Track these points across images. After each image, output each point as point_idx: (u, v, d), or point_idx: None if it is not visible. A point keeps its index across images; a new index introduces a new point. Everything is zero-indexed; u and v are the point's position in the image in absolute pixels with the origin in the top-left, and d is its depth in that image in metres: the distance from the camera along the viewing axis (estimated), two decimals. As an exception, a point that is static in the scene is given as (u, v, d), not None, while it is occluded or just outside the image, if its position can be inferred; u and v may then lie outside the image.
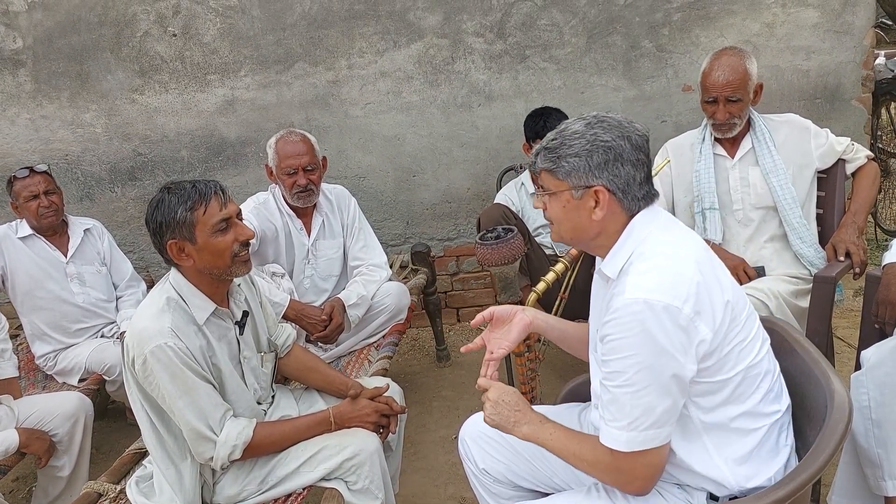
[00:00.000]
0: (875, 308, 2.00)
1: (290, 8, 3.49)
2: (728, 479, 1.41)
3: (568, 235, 1.48)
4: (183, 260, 1.79)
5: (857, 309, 3.32)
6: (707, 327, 1.31)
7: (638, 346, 1.28)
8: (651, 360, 1.28)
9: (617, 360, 1.31)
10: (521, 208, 3.02)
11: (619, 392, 1.32)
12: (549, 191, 1.45)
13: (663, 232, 1.41)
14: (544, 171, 1.45)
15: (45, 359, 2.95)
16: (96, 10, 3.50)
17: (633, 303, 1.28)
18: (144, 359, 1.70)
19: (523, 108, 3.53)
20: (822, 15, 3.43)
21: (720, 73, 2.37)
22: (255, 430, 1.82)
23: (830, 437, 1.35)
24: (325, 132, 3.64)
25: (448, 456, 2.78)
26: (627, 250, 1.40)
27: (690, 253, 1.37)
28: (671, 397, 1.31)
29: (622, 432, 1.32)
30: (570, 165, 1.40)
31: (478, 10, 3.49)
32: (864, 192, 2.46)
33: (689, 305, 1.28)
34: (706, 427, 1.40)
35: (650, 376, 1.29)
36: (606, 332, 1.33)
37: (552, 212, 1.47)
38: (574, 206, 1.42)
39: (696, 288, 1.30)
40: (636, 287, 1.30)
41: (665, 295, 1.28)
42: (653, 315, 1.27)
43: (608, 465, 1.38)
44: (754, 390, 1.41)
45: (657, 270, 1.32)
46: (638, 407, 1.30)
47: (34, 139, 3.68)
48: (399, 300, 2.89)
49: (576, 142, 1.40)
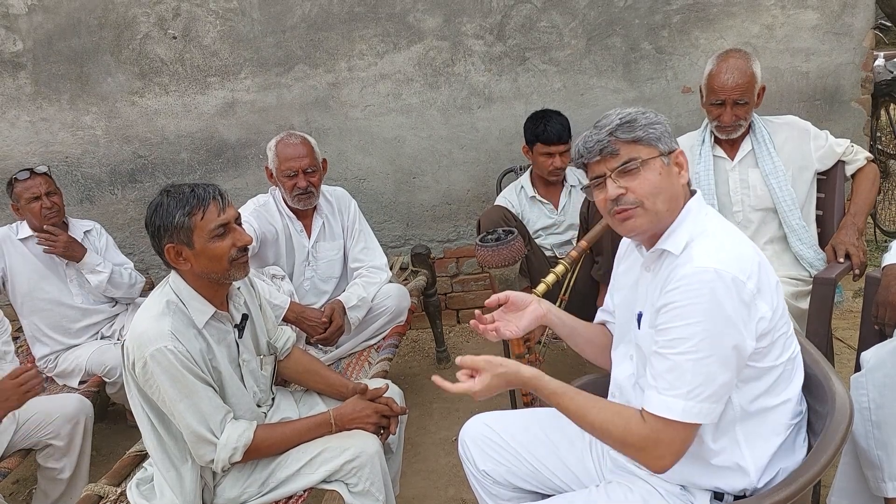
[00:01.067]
0: (875, 309, 2.00)
1: (290, 10, 3.50)
2: (750, 472, 1.41)
3: (665, 207, 1.42)
4: (181, 264, 1.79)
5: (856, 310, 3.32)
6: (766, 305, 1.34)
7: (706, 312, 1.29)
8: (717, 328, 1.29)
9: (682, 326, 1.31)
10: (520, 211, 3.03)
11: (682, 359, 1.31)
12: (640, 160, 1.41)
13: (717, 218, 1.46)
14: (630, 142, 1.41)
15: (45, 361, 2.95)
16: (96, 12, 3.51)
17: (704, 271, 1.30)
18: (145, 362, 1.71)
19: (523, 110, 3.53)
20: (822, 17, 3.44)
21: (729, 75, 2.36)
22: (255, 433, 1.83)
23: (831, 438, 1.35)
24: (325, 134, 3.64)
25: (448, 458, 2.78)
26: (688, 227, 1.42)
27: (745, 237, 1.43)
28: (730, 371, 1.32)
29: (678, 400, 1.31)
30: (656, 132, 1.43)
31: (477, 12, 3.49)
32: (864, 194, 2.47)
33: (752, 282, 1.32)
34: (745, 415, 1.41)
35: (714, 345, 1.30)
36: (670, 299, 1.33)
37: (647, 184, 1.41)
38: (668, 173, 1.43)
39: (757, 267, 1.34)
40: (707, 257, 1.32)
41: (733, 268, 1.30)
42: (723, 284, 1.29)
43: (645, 435, 1.34)
44: (791, 383, 1.44)
45: (724, 246, 1.36)
46: (700, 375, 1.30)
47: (34, 141, 3.69)
48: (399, 302, 2.89)
49: (645, 115, 1.44)
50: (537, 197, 3.02)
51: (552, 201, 3.03)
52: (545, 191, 3.03)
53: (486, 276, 3.86)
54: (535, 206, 3.03)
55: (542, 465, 1.72)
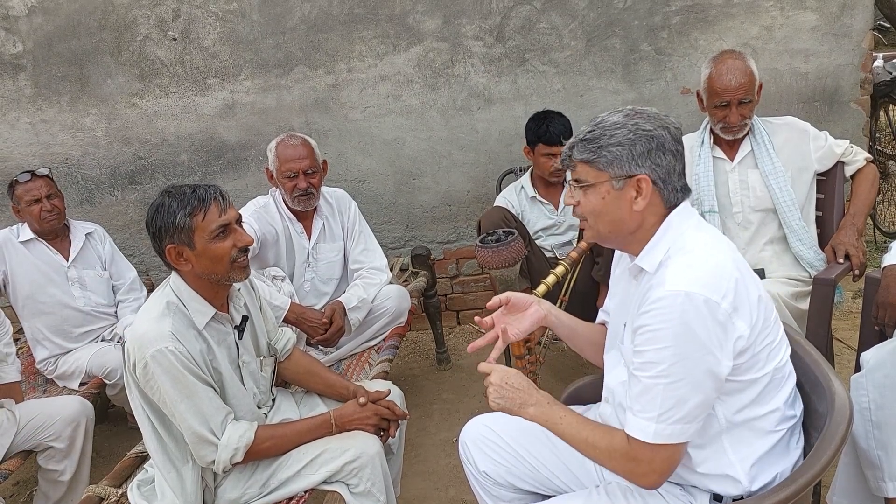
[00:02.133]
0: (875, 310, 2.00)
1: (290, 12, 3.50)
2: (741, 479, 1.41)
3: (606, 230, 1.44)
4: (181, 265, 1.80)
5: (856, 311, 3.33)
6: (744, 323, 1.32)
7: (675, 337, 1.28)
8: (688, 352, 1.28)
9: (653, 350, 1.31)
10: (521, 211, 3.03)
11: (652, 383, 1.31)
12: (587, 182, 1.42)
13: (698, 230, 1.42)
14: (581, 162, 1.42)
15: (45, 363, 2.95)
16: (96, 14, 3.51)
17: (674, 294, 1.28)
18: (146, 363, 1.71)
19: (523, 111, 3.54)
20: (821, 18, 3.44)
21: (731, 76, 2.37)
22: (256, 433, 1.83)
23: (831, 439, 1.35)
24: (324, 136, 3.64)
25: (449, 459, 2.78)
26: (665, 244, 1.40)
27: (726, 250, 1.38)
28: (703, 393, 1.31)
29: (651, 423, 1.32)
30: (612, 155, 1.39)
31: (477, 13, 3.50)
32: (864, 195, 2.47)
33: (727, 301, 1.29)
34: (730, 426, 1.40)
35: (685, 369, 1.29)
36: (643, 322, 1.32)
37: (589, 205, 1.43)
38: (614, 198, 1.41)
39: (734, 284, 1.31)
40: (677, 279, 1.30)
41: (705, 289, 1.28)
42: (693, 308, 1.27)
43: (625, 454, 1.37)
44: (779, 392, 1.43)
45: (698, 265, 1.33)
46: (670, 399, 1.30)
47: (34, 143, 3.69)
48: (399, 303, 2.89)
49: (617, 131, 1.39)
50: (537, 197, 3.02)
51: (552, 202, 3.03)
52: (545, 191, 3.03)
53: (486, 277, 3.87)
54: (536, 207, 3.03)
55: (543, 465, 1.72)
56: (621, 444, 1.37)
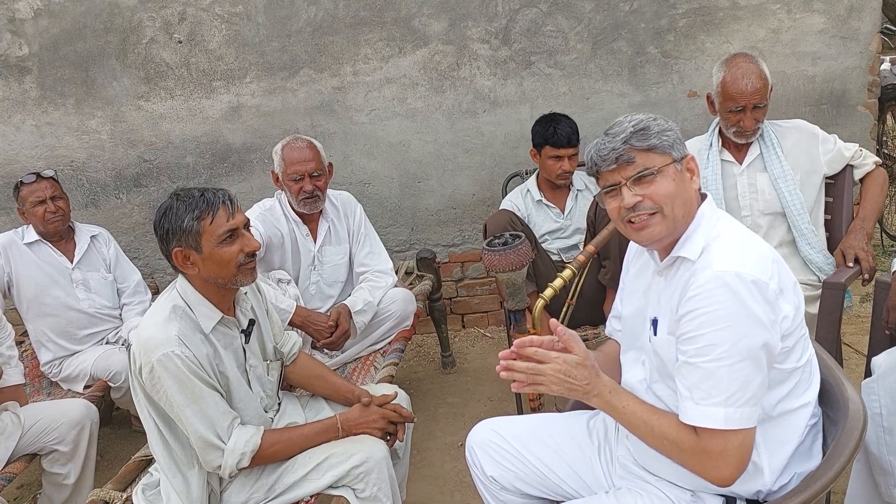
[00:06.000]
0: (885, 314, 1.99)
1: (296, 15, 3.50)
2: (765, 475, 1.40)
3: (681, 213, 1.42)
4: (188, 268, 1.79)
5: (864, 315, 3.31)
6: (789, 304, 1.35)
7: (732, 316, 1.28)
8: (745, 329, 1.28)
9: (710, 332, 1.30)
10: (527, 215, 3.01)
11: (715, 366, 1.30)
12: (655, 168, 1.41)
13: (730, 220, 1.46)
14: (644, 150, 1.41)
15: (50, 365, 2.94)
16: (102, 17, 3.51)
17: (725, 274, 1.29)
18: (151, 367, 1.70)
19: (528, 114, 3.53)
20: (828, 21, 3.43)
21: (747, 81, 2.35)
22: (262, 438, 1.82)
23: (845, 445, 1.34)
24: (330, 138, 3.64)
25: (455, 463, 2.77)
26: (702, 233, 1.42)
27: (759, 238, 1.43)
28: (763, 371, 1.31)
29: (719, 408, 1.29)
30: (669, 139, 1.42)
31: (483, 16, 3.49)
32: (873, 199, 2.45)
33: (774, 282, 1.32)
34: (766, 418, 1.39)
35: (745, 347, 1.29)
36: (693, 306, 1.32)
37: (662, 191, 1.40)
38: (681, 179, 1.43)
39: (777, 267, 1.35)
40: (725, 261, 1.32)
41: (754, 269, 1.30)
42: (745, 287, 1.28)
43: (694, 446, 1.34)
44: (810, 385, 1.44)
45: (741, 249, 1.36)
46: (736, 380, 1.29)
47: (39, 146, 3.69)
48: (405, 306, 2.88)
49: (654, 122, 1.43)
50: (543, 201, 3.01)
51: (558, 205, 3.02)
52: (551, 195, 3.02)
53: (491, 280, 3.86)
54: (542, 210, 3.02)
55: (551, 470, 1.71)
56: (689, 436, 1.34)
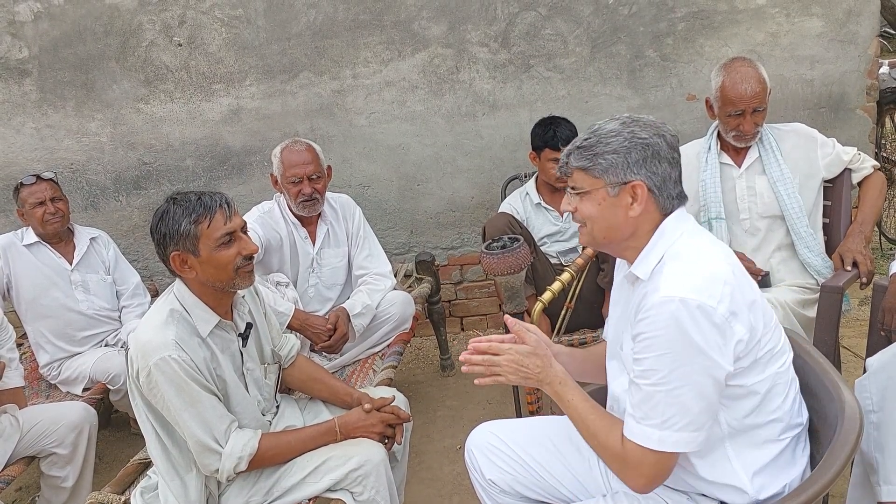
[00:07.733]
0: (882, 316, 2.00)
1: (295, 18, 3.50)
2: (746, 488, 1.40)
3: (601, 235, 1.46)
4: (186, 272, 1.79)
5: (862, 318, 3.31)
6: (743, 327, 1.32)
7: (673, 343, 1.28)
8: (686, 357, 1.28)
9: (652, 357, 1.31)
10: (525, 218, 3.02)
11: (654, 390, 1.31)
12: (583, 189, 1.44)
13: (693, 235, 1.43)
14: (578, 169, 1.44)
15: (48, 368, 2.94)
16: (102, 19, 3.52)
17: (669, 300, 1.28)
18: (149, 371, 1.70)
19: (527, 117, 3.53)
20: (827, 24, 3.43)
21: (747, 85, 2.35)
22: (260, 442, 1.82)
23: (841, 448, 1.34)
24: (329, 141, 3.64)
25: (453, 466, 2.77)
26: (659, 251, 1.40)
27: (721, 255, 1.39)
28: (706, 399, 1.31)
29: (655, 430, 1.32)
30: (607, 162, 1.41)
31: (482, 19, 3.49)
32: (871, 202, 2.46)
33: (724, 305, 1.29)
34: (733, 433, 1.40)
35: (685, 374, 1.29)
36: (640, 329, 1.33)
37: (585, 211, 1.45)
38: (610, 204, 1.42)
39: (730, 289, 1.31)
40: (671, 285, 1.31)
41: (700, 294, 1.28)
42: (688, 313, 1.27)
43: (616, 453, 1.39)
44: (783, 399, 1.42)
45: (692, 270, 1.33)
46: (672, 405, 1.30)
47: (39, 148, 3.69)
48: (404, 309, 2.88)
49: (613, 139, 1.41)
50: (542, 204, 3.01)
51: (557, 208, 3.02)
52: (550, 198, 3.02)
53: (490, 283, 3.86)
54: (541, 213, 3.02)
55: (549, 474, 1.71)
56: (615, 442, 1.39)
